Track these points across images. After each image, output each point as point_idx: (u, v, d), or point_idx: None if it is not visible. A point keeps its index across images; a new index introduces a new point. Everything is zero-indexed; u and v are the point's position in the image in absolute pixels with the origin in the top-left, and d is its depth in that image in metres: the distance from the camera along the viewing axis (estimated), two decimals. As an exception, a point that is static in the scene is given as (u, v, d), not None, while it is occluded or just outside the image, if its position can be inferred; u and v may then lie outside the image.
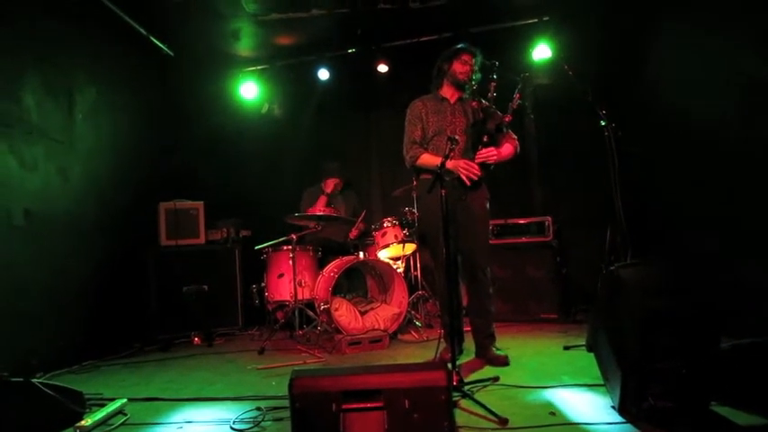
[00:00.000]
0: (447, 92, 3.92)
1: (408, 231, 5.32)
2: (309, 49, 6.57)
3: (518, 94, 3.67)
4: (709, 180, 4.18)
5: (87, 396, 2.96)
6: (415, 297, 5.46)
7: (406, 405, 2.14)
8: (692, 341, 2.29)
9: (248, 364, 4.19)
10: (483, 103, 3.76)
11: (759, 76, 3.61)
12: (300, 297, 5.14)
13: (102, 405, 2.97)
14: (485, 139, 3.59)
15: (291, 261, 5.12)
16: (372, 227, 5.55)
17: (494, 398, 2.84)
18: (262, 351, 4.59)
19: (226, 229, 6.00)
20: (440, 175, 3.18)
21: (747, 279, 3.62)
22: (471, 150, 3.66)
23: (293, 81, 6.91)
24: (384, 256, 5.49)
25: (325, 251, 5.74)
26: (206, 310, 5.41)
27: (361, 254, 5.14)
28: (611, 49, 5.36)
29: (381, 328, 4.78)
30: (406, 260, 5.67)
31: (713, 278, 2.47)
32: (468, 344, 3.95)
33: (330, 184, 6.10)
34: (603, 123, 3.87)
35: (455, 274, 3.68)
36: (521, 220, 5.52)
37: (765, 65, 3.57)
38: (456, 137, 3.27)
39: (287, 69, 6.90)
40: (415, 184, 4.23)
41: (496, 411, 2.52)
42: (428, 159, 3.73)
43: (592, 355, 2.86)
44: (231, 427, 2.64)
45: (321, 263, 5.56)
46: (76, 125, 4.88)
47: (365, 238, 5.85)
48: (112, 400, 3.05)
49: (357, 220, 5.74)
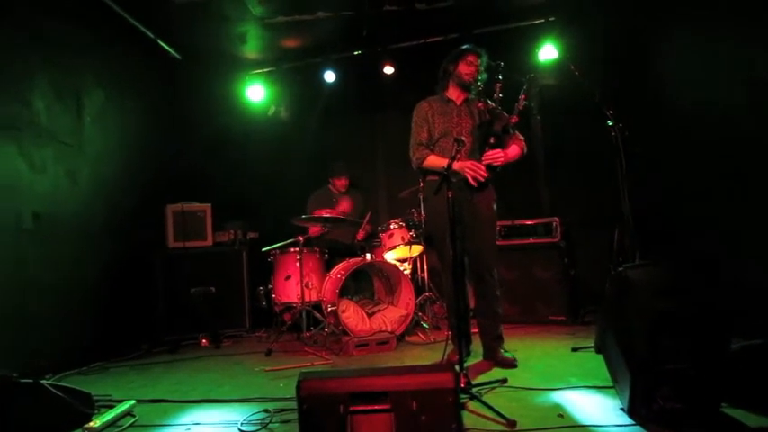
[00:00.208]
0: (453, 93, 3.91)
1: (415, 233, 5.32)
2: (315, 51, 6.59)
3: (524, 95, 3.64)
4: (718, 180, 4.15)
5: (96, 397, 2.97)
6: (423, 299, 5.45)
7: (414, 407, 2.13)
8: (701, 342, 2.28)
9: (256, 365, 4.19)
10: (489, 104, 3.75)
11: (768, 75, 3.59)
12: (307, 299, 5.14)
13: (111, 406, 2.98)
14: (491, 140, 3.57)
15: (298, 263, 5.12)
16: (379, 228, 5.55)
17: (502, 400, 2.83)
18: (269, 353, 4.59)
19: (233, 232, 6.01)
20: (446, 176, 3.17)
21: (757, 280, 3.59)
22: (478, 152, 3.64)
23: (299, 83, 6.93)
24: (391, 257, 5.49)
25: (332, 253, 5.74)
26: (213, 311, 5.42)
27: (368, 255, 5.14)
28: (617, 50, 5.33)
29: (388, 329, 4.77)
30: (413, 262, 5.66)
31: (722, 279, 2.45)
32: (476, 346, 3.94)
33: (339, 184, 6.12)
34: (610, 124, 3.85)
35: (462, 276, 3.66)
36: (528, 222, 5.50)
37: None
38: (462, 138, 3.26)
39: (293, 72, 6.93)
40: (421, 185, 4.22)
41: (505, 413, 2.50)
42: (434, 161, 3.72)
43: (600, 356, 2.84)
44: (239, 429, 2.64)
45: (328, 265, 5.56)
46: (85, 128, 4.91)
47: (372, 240, 5.85)
48: (121, 401, 3.07)
49: (363, 222, 5.74)
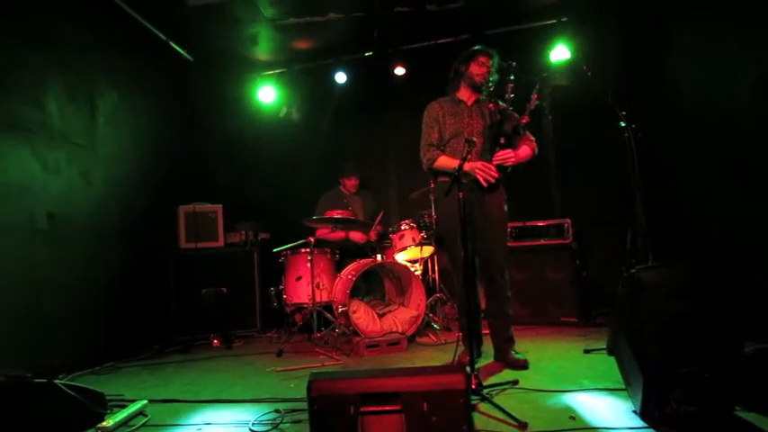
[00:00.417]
0: (464, 94, 3.90)
1: (426, 234, 5.31)
2: (327, 52, 6.60)
3: (535, 95, 3.63)
4: (733, 181, 4.11)
5: (108, 397, 3.00)
6: (433, 300, 5.45)
7: (425, 408, 2.13)
8: (715, 345, 2.25)
9: (267, 366, 4.20)
10: (500, 104, 3.74)
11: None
12: (318, 300, 5.15)
13: (124, 406, 3.00)
14: (502, 141, 3.56)
15: (309, 264, 5.13)
16: (390, 229, 5.55)
17: (513, 401, 2.82)
18: (280, 353, 4.60)
19: (244, 232, 6.04)
20: (457, 177, 3.17)
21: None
22: (488, 152, 3.63)
23: (311, 85, 6.95)
24: (402, 258, 5.49)
25: (343, 254, 5.74)
26: (225, 312, 5.45)
27: (379, 256, 5.14)
28: (630, 50, 5.31)
29: (399, 330, 4.77)
30: (424, 263, 5.66)
31: (736, 281, 2.43)
32: (487, 347, 3.93)
33: (349, 184, 6.13)
34: (623, 124, 3.83)
35: (473, 277, 3.66)
36: (539, 223, 5.48)
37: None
38: (474, 139, 3.26)
39: (304, 73, 6.95)
40: (432, 186, 4.22)
41: (516, 415, 2.50)
42: (445, 162, 3.71)
43: (612, 358, 2.82)
44: (250, 429, 2.65)
45: (339, 265, 5.56)
46: (98, 129, 4.95)
47: (383, 241, 5.85)
48: (133, 401, 3.09)
49: (374, 223, 5.75)
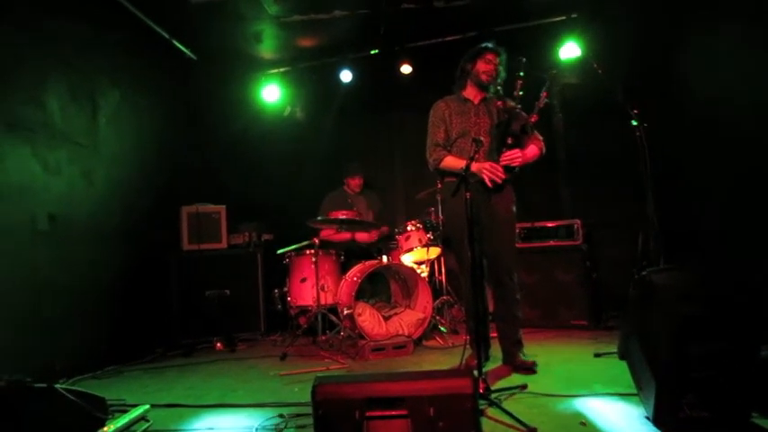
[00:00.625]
0: (471, 93, 3.89)
1: (433, 235, 5.30)
2: (332, 50, 6.60)
3: (545, 93, 3.62)
4: (747, 182, 4.08)
5: (110, 402, 2.99)
6: (440, 302, 5.44)
7: (431, 413, 2.12)
8: (729, 349, 2.24)
9: (270, 370, 4.20)
10: (508, 102, 3.72)
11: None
12: (323, 302, 5.16)
13: (125, 411, 2.99)
14: (509, 141, 3.55)
15: (314, 265, 5.13)
16: (396, 230, 5.54)
17: (522, 406, 2.81)
18: (284, 357, 4.60)
19: (248, 234, 6.05)
20: (464, 177, 3.16)
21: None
22: (495, 152, 3.62)
23: (315, 83, 6.95)
24: (408, 260, 5.48)
25: (348, 255, 5.74)
26: (228, 315, 5.46)
27: (385, 258, 5.13)
28: (641, 47, 5.27)
29: (405, 333, 4.76)
30: (431, 264, 5.65)
31: (751, 283, 2.40)
32: (495, 350, 3.91)
33: (353, 183, 6.14)
34: (635, 123, 3.82)
35: (481, 279, 3.65)
36: (548, 223, 5.46)
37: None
38: (481, 138, 3.25)
39: (309, 71, 6.95)
40: (439, 186, 4.21)
41: (524, 420, 2.49)
42: (452, 162, 3.70)
43: (624, 363, 2.81)
44: (253, 435, 2.65)
45: (344, 267, 5.56)
46: (100, 129, 4.97)
47: (389, 242, 5.84)
48: (135, 406, 3.08)
49: (379, 228, 5.76)
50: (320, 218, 5.51)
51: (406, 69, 6.45)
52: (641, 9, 5.29)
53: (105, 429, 2.66)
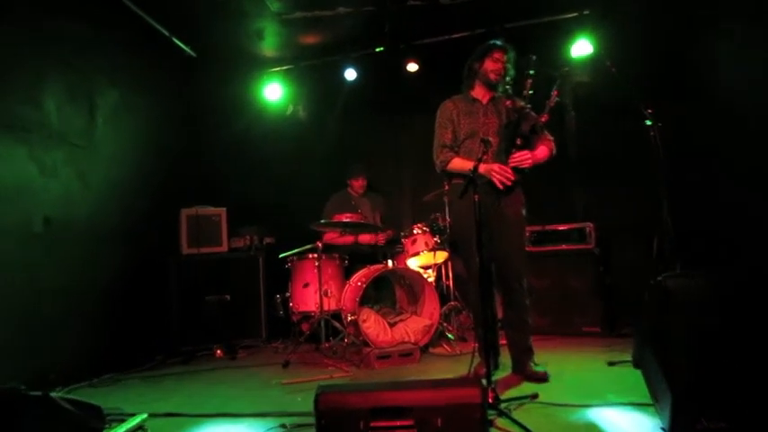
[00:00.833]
0: (479, 92, 3.89)
1: (440, 238, 5.30)
2: (335, 48, 6.60)
3: (556, 92, 3.61)
4: (766, 184, 4.07)
5: (106, 411, 2.98)
6: (448, 308, 5.43)
7: (439, 423, 2.12)
8: (748, 359, 2.22)
9: (272, 378, 4.20)
10: (517, 102, 3.72)
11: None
12: (326, 308, 5.16)
13: (122, 420, 3.00)
14: (518, 141, 3.55)
15: (317, 270, 5.13)
16: (402, 234, 5.54)
17: (532, 417, 2.80)
18: (286, 364, 4.60)
19: (249, 237, 6.05)
20: (472, 179, 3.16)
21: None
22: (504, 153, 3.62)
23: (319, 82, 6.95)
24: (414, 264, 5.48)
25: (353, 259, 5.74)
26: (228, 321, 5.47)
27: (390, 262, 5.13)
28: (656, 44, 5.26)
29: (412, 340, 4.76)
30: (438, 269, 5.64)
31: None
32: (505, 358, 3.91)
33: (356, 185, 6.14)
34: (649, 123, 3.81)
35: (489, 284, 3.64)
36: (560, 227, 5.45)
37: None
38: (490, 139, 3.25)
39: (312, 70, 6.95)
40: (446, 188, 4.21)
41: (535, 431, 2.47)
42: (459, 164, 3.70)
43: (639, 371, 2.80)
44: (254, 445, 2.66)
45: (348, 272, 5.56)
46: (97, 129, 4.99)
47: (394, 246, 5.84)
48: (132, 415, 3.09)
49: (385, 231, 5.75)
50: (324, 221, 5.51)
51: (412, 68, 6.45)
52: (655, 4, 5.28)
53: (102, 439, 2.67)
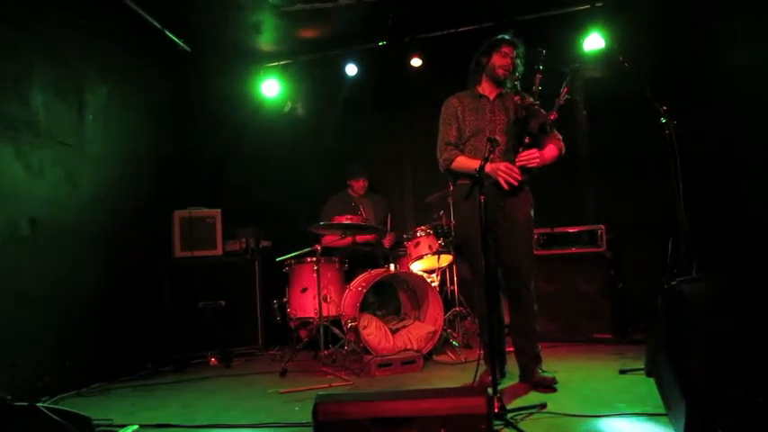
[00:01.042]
0: (486, 88, 3.89)
1: (444, 241, 5.30)
2: (336, 42, 6.62)
3: (566, 88, 3.61)
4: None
5: (96, 422, 3.00)
6: (452, 314, 5.43)
7: (442, 435, 2.12)
8: (766, 365, 2.22)
9: (269, 387, 4.20)
10: (526, 98, 3.72)
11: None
12: (326, 314, 5.15)
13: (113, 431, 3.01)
14: (527, 140, 3.55)
15: (316, 274, 5.13)
16: (405, 236, 5.54)
17: (540, 427, 2.80)
18: (284, 373, 4.61)
19: (245, 240, 6.05)
20: (478, 179, 3.16)
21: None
22: (512, 151, 3.62)
23: (318, 77, 6.96)
24: (417, 268, 5.48)
25: (353, 263, 5.75)
26: (223, 327, 5.47)
27: (392, 266, 5.13)
28: (672, 39, 5.27)
29: (414, 348, 4.76)
30: (442, 273, 5.65)
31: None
32: (511, 366, 3.91)
33: (357, 186, 6.14)
34: (664, 121, 3.81)
35: (496, 289, 3.64)
36: (570, 229, 5.45)
37: None
38: (496, 137, 3.25)
39: (311, 65, 6.96)
40: (451, 189, 4.21)
41: (543, 443, 2.48)
42: (464, 162, 3.71)
43: (651, 380, 2.80)
44: (249, 457, 2.66)
45: (348, 276, 5.57)
46: (86, 127, 4.99)
47: (397, 249, 5.84)
48: (123, 426, 3.10)
49: (387, 229, 5.75)
50: (323, 223, 5.52)
51: (416, 62, 6.44)
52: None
53: (91, 450, 2.68)
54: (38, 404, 2.67)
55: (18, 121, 4.26)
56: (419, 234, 5.34)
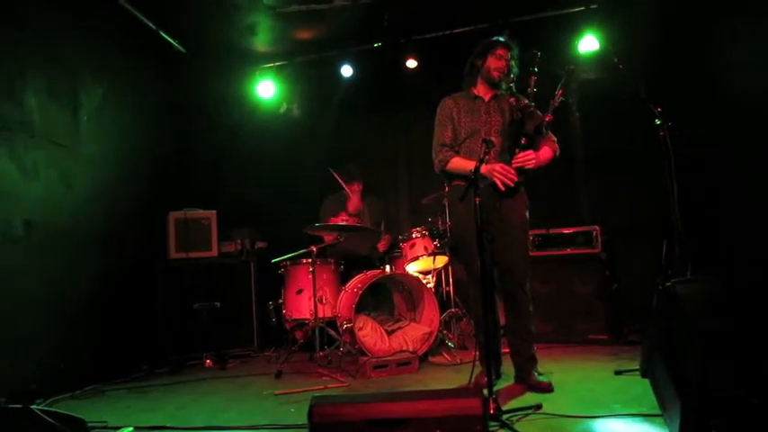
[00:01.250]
0: (481, 90, 3.89)
1: (439, 242, 5.30)
2: (331, 43, 6.61)
3: (561, 90, 3.62)
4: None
5: (90, 424, 2.99)
6: (448, 315, 5.43)
7: (438, 436, 2.12)
8: (762, 367, 2.23)
9: (264, 388, 4.20)
10: (521, 99, 3.73)
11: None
12: (321, 315, 5.14)
13: (107, 434, 3.00)
14: (522, 141, 3.56)
15: (311, 275, 5.12)
16: (400, 238, 5.54)
17: (536, 428, 2.81)
18: (279, 374, 4.60)
19: (240, 241, 6.05)
20: (474, 181, 3.16)
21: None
22: (507, 152, 3.63)
23: (314, 78, 6.96)
24: (413, 269, 5.48)
25: (348, 264, 5.74)
26: (218, 329, 5.46)
27: (388, 267, 5.13)
28: (667, 41, 5.28)
29: (410, 349, 4.76)
30: (437, 274, 5.65)
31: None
32: (507, 367, 3.91)
33: (351, 189, 6.13)
34: (658, 122, 3.82)
35: (491, 290, 3.65)
36: (565, 230, 5.46)
37: None
38: (492, 138, 3.25)
39: (307, 66, 6.96)
40: (446, 190, 4.22)
41: (539, 444, 2.48)
42: (460, 164, 3.71)
43: (647, 381, 2.81)
44: (245, 458, 2.66)
45: (344, 277, 5.56)
46: (81, 128, 4.98)
47: (393, 250, 5.84)
48: (118, 428, 3.10)
49: (381, 232, 5.75)
50: (318, 224, 5.51)
51: (411, 64, 6.44)
52: (666, -1, 5.30)
53: (85, 453, 2.67)
54: (32, 406, 2.66)
55: (12, 122, 4.25)
56: (414, 235, 5.34)
